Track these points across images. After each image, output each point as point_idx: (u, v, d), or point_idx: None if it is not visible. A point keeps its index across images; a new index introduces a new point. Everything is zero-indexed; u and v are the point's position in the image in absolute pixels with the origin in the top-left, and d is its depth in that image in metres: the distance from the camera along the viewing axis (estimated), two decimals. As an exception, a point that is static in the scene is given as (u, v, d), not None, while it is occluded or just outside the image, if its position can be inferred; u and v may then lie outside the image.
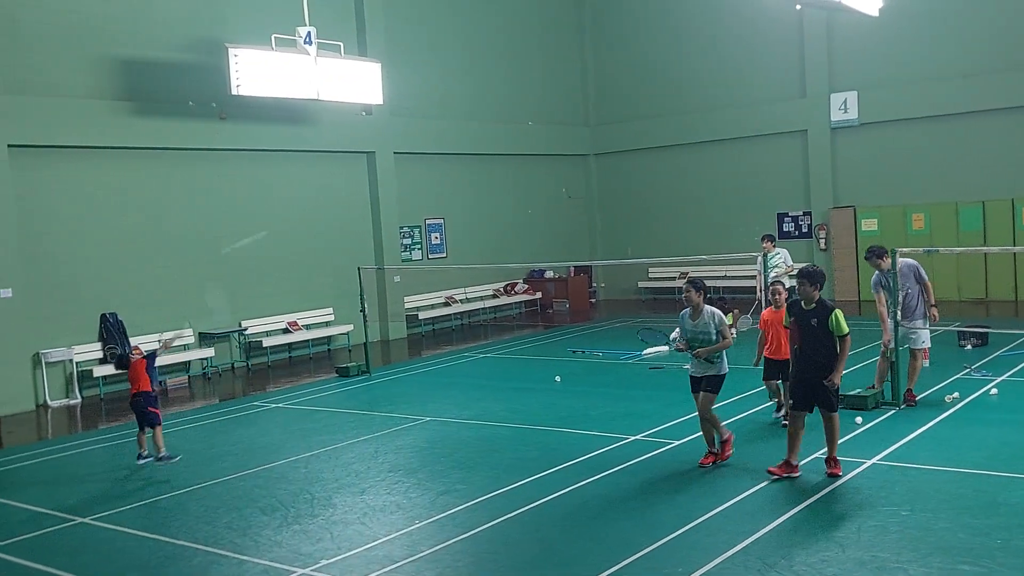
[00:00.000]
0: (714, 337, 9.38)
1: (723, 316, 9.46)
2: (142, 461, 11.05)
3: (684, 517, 7.97)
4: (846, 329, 8.72)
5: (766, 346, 10.85)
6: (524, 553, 7.54)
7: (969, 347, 15.41)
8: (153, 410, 11.12)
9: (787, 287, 16.85)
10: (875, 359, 13.71)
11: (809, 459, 9.43)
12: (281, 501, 9.39)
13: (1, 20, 15.87)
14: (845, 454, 9.56)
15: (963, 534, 7.24)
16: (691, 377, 9.70)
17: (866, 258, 11.79)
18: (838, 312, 8.76)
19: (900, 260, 11.45)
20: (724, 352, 9.52)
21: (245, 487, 10.01)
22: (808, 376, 8.79)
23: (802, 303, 8.90)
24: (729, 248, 22.42)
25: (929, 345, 11.88)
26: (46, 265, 16.52)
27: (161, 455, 10.99)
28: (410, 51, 22.88)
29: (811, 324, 8.76)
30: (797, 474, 8.90)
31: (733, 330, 18.32)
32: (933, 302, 11.72)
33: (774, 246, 17.11)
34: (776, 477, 8.86)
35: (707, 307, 9.49)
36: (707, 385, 9.51)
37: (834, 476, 8.75)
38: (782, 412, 11.03)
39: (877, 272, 11.70)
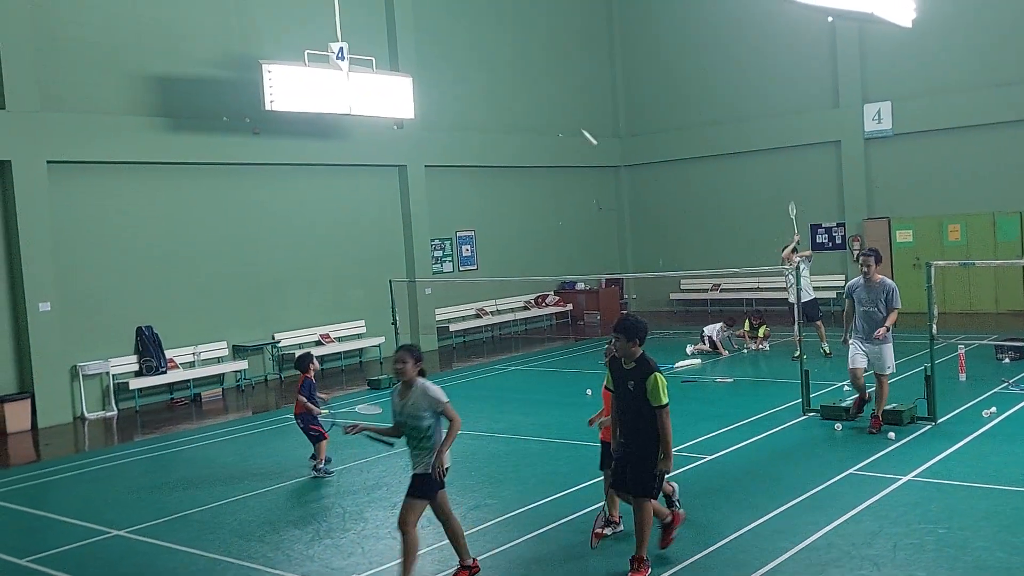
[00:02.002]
0: (426, 423, 7.15)
1: (440, 394, 7.19)
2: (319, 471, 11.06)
3: (715, 534, 7.91)
4: (664, 399, 7.02)
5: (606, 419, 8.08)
6: (555, 570, 7.51)
7: (1007, 360, 15.18)
8: (315, 428, 11.12)
9: (811, 299, 16.99)
10: (914, 372, 13.61)
11: (841, 476, 9.34)
12: (313, 515, 9.44)
13: (39, 38, 16.15)
14: (880, 470, 9.49)
15: (1001, 552, 7.13)
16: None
17: (871, 257, 11.13)
18: (658, 375, 7.07)
19: (882, 278, 11.09)
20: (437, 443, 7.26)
21: (277, 500, 10.07)
22: (630, 451, 7.21)
23: (622, 361, 7.27)
24: (762, 260, 22.29)
25: (894, 369, 11.38)
26: (83, 279, 16.75)
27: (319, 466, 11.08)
28: (441, 65, 23.00)
29: (628, 388, 7.16)
30: (620, 528, 8.04)
31: (765, 343, 18.36)
32: (888, 325, 11.00)
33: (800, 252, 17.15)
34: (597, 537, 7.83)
35: (421, 381, 7.21)
36: (416, 486, 7.26)
37: None
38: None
39: (862, 278, 11.18)
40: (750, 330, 18.73)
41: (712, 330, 18.45)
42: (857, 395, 11.64)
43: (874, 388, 11.28)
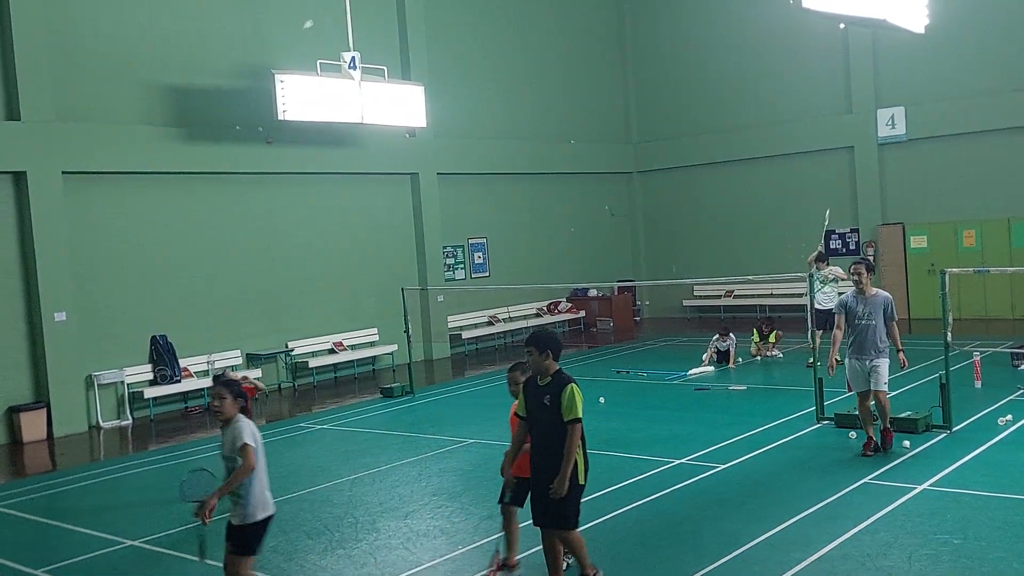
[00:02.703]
0: (238, 463, 6.55)
1: (243, 432, 6.55)
2: None
3: (730, 544, 7.88)
4: (577, 412, 6.59)
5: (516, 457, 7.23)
6: (568, 580, 7.49)
7: (1023, 367, 15.08)
8: None
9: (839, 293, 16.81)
10: (928, 379, 13.52)
11: (855, 485, 9.30)
12: (326, 525, 9.45)
13: (54, 49, 16.27)
14: (895, 479, 9.43)
15: (1018, 563, 7.07)
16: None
17: (862, 265, 10.49)
18: (574, 387, 6.65)
19: (876, 290, 10.54)
20: (251, 489, 6.55)
21: (291, 510, 10.08)
22: (546, 477, 6.69)
23: (537, 379, 6.88)
24: (776, 266, 22.24)
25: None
26: (98, 288, 16.84)
27: None
28: (452, 73, 23.06)
29: (544, 403, 6.72)
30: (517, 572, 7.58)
31: (777, 351, 18.25)
32: (900, 346, 10.45)
33: (826, 266, 16.95)
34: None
35: (239, 419, 6.63)
36: (232, 542, 6.70)
37: None
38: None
39: (856, 293, 10.53)
40: (760, 340, 18.58)
41: (716, 340, 17.96)
42: (865, 430, 10.56)
43: (873, 407, 10.50)
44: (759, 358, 18.42)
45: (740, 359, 17.99)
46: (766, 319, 19.46)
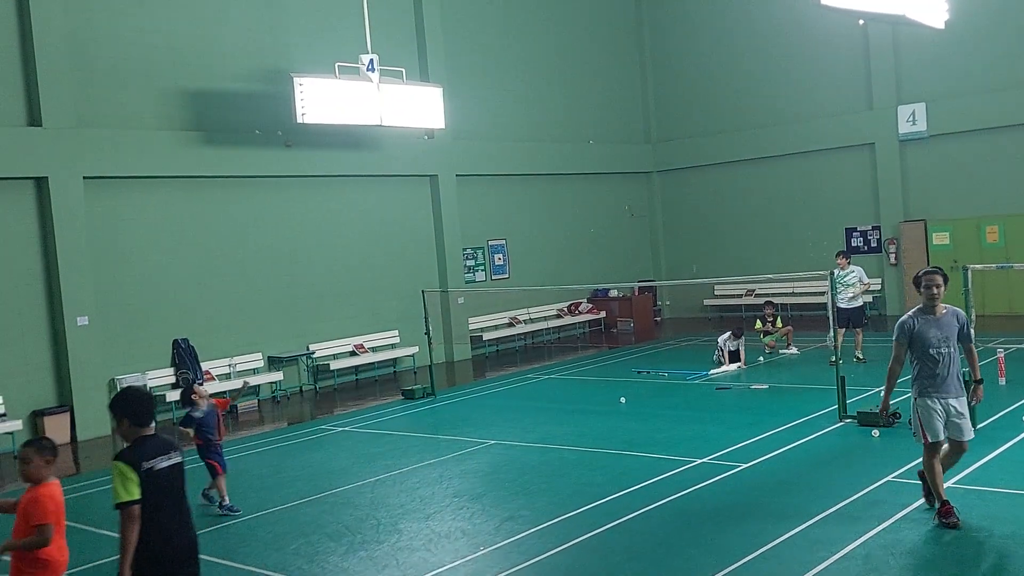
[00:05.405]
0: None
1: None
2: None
3: (753, 544, 7.83)
4: (122, 496, 5.31)
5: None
6: (589, 581, 7.49)
7: (1048, 364, 14.89)
8: (210, 461, 10.72)
9: (859, 305, 16.69)
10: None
11: (878, 483, 9.23)
12: (348, 527, 9.46)
13: (74, 55, 16.41)
14: (918, 477, 9.33)
15: (1044, 562, 7.00)
16: None
17: (937, 275, 8.33)
18: (117, 464, 5.40)
19: (946, 306, 8.24)
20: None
21: (313, 512, 10.11)
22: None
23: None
24: (796, 264, 22.10)
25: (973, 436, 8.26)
26: (120, 293, 16.96)
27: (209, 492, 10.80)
28: (471, 74, 23.07)
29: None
30: None
31: (792, 347, 18.14)
32: (979, 376, 8.41)
33: (848, 263, 16.86)
34: None
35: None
36: None
37: None
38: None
39: (922, 312, 8.21)
40: (763, 325, 18.58)
41: (723, 340, 17.69)
42: (937, 491, 8.05)
43: (944, 459, 8.19)
44: (769, 351, 18.38)
45: (761, 359, 17.92)
46: (767, 303, 19.48)
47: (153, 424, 5.69)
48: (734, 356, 17.44)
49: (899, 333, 8.11)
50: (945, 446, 8.08)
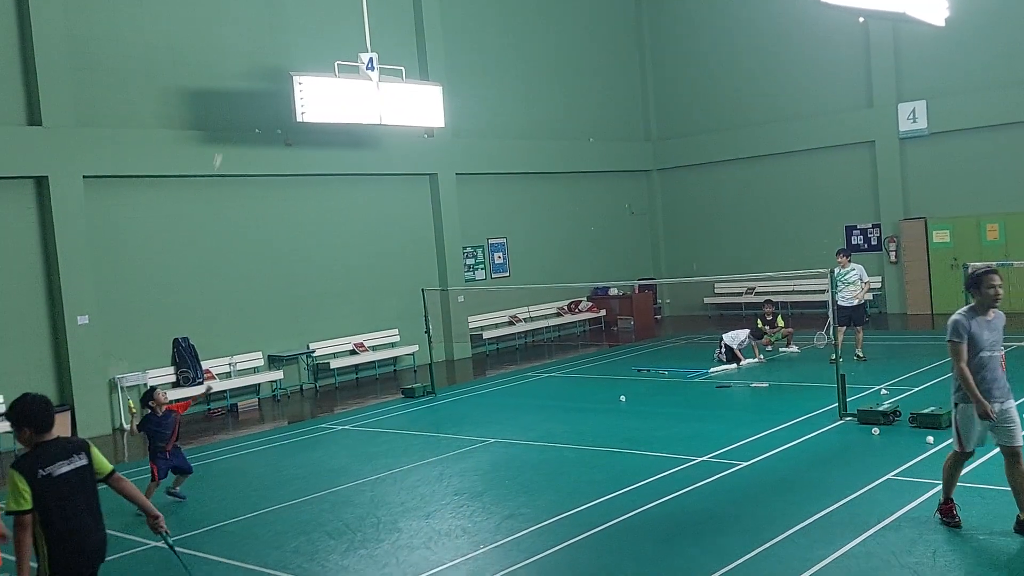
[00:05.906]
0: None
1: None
2: None
3: (752, 542, 7.83)
4: (12, 504, 5.33)
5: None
6: (589, 579, 7.49)
7: (1048, 362, 14.85)
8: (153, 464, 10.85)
9: (860, 303, 16.69)
10: (950, 375, 13.37)
11: (879, 481, 9.23)
12: (348, 525, 9.46)
13: (74, 55, 16.40)
14: (918, 475, 9.35)
15: (1044, 560, 7.00)
16: None
17: (996, 275, 7.76)
18: (11, 473, 5.38)
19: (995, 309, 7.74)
20: None
21: (313, 511, 10.12)
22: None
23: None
24: (797, 262, 22.09)
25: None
26: (120, 291, 16.96)
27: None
28: (470, 73, 23.07)
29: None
30: None
31: (793, 345, 18.13)
32: None
33: (849, 261, 16.86)
34: None
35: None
36: None
37: None
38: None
39: (974, 312, 7.68)
40: (763, 324, 18.59)
41: (733, 339, 17.65)
42: (945, 492, 7.94)
43: (1008, 472, 7.69)
44: (769, 348, 18.39)
45: (761, 356, 17.91)
46: (767, 301, 19.49)
47: (54, 429, 5.63)
48: (732, 355, 17.45)
49: (957, 332, 7.59)
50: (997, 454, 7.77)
